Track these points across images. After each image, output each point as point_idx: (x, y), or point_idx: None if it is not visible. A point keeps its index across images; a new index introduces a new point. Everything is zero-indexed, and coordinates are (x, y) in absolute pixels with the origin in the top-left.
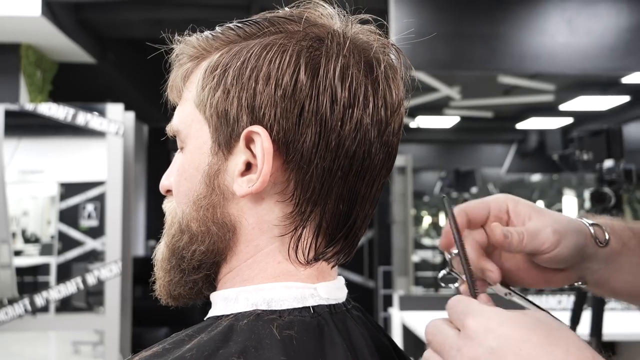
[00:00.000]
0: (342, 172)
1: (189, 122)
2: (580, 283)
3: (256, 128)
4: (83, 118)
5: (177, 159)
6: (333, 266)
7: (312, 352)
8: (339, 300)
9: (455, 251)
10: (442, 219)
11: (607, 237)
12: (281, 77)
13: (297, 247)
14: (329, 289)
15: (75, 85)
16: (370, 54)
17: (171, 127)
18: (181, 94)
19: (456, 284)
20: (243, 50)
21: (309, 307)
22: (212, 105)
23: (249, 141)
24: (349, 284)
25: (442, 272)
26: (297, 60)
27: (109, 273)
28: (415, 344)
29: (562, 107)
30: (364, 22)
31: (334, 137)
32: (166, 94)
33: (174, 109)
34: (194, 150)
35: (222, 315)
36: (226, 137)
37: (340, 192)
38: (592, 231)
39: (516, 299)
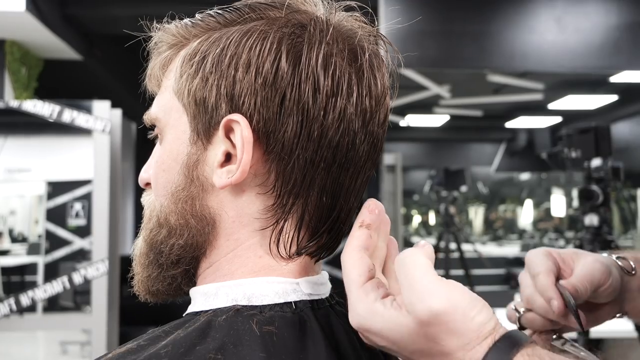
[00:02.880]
0: (325, 164)
1: (168, 111)
2: (620, 315)
3: (236, 116)
4: (69, 115)
5: (156, 150)
6: (316, 261)
7: (292, 348)
8: (322, 295)
9: (522, 310)
10: (432, 218)
11: (633, 266)
12: (262, 65)
13: (278, 240)
14: (311, 284)
15: (61, 82)
16: (355, 42)
17: (149, 116)
18: (160, 83)
19: None
20: (222, 37)
21: (290, 302)
22: (190, 93)
23: (229, 130)
24: (338, 281)
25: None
26: (278, 48)
27: (96, 272)
28: None
29: (551, 106)
30: (348, 9)
31: (316, 127)
32: (145, 84)
33: (152, 99)
34: (173, 140)
35: (201, 311)
36: (205, 126)
37: (324, 184)
38: (620, 263)
39: (571, 348)
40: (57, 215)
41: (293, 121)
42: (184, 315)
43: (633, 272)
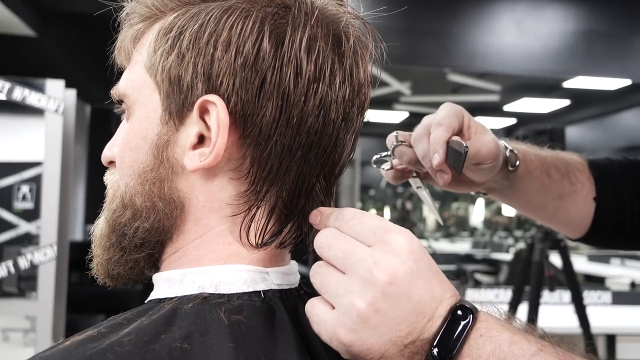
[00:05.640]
0: (302, 151)
1: (138, 87)
2: (482, 194)
3: (212, 97)
4: (20, 93)
5: (123, 127)
6: (290, 250)
7: (261, 338)
8: (291, 285)
9: (403, 139)
10: (387, 213)
11: (517, 163)
12: (242, 44)
13: (249, 228)
14: (281, 273)
15: (13, 59)
16: (339, 27)
17: (117, 91)
18: (130, 57)
19: (385, 167)
20: (201, 13)
21: (259, 291)
22: (165, 70)
23: (204, 111)
24: (305, 275)
25: (377, 156)
26: (260, 27)
27: (43, 257)
28: None
29: (507, 107)
30: None
31: (296, 112)
32: (113, 57)
33: (120, 73)
34: (142, 118)
35: (165, 298)
36: (178, 106)
37: (300, 172)
38: (508, 154)
39: (425, 194)
40: (2, 198)
41: (272, 105)
42: (145, 302)
43: (513, 169)
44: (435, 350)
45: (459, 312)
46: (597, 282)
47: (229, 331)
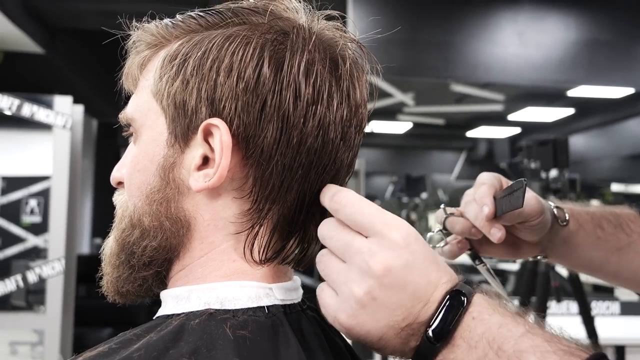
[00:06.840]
0: (302, 170)
1: (145, 111)
2: (542, 257)
3: (215, 121)
4: (29, 109)
5: (130, 150)
6: (293, 266)
7: (266, 352)
8: (294, 300)
9: (451, 210)
10: None
11: (567, 217)
12: (244, 70)
13: (252, 245)
14: (284, 289)
15: (21, 76)
16: (336, 51)
17: (125, 115)
18: (137, 83)
19: (441, 244)
20: (204, 40)
21: (263, 307)
22: (170, 95)
23: (208, 134)
24: (309, 287)
25: (431, 233)
26: (260, 53)
27: (52, 271)
28: (362, 345)
29: (511, 117)
30: (329, 19)
31: (295, 133)
32: (121, 82)
33: (128, 97)
34: (149, 141)
35: (173, 315)
36: (183, 129)
37: (300, 190)
38: (556, 212)
39: (483, 269)
40: (10, 212)
41: (273, 127)
42: (154, 317)
43: (564, 223)
44: (430, 333)
45: (454, 297)
46: (605, 292)
47: (234, 346)
